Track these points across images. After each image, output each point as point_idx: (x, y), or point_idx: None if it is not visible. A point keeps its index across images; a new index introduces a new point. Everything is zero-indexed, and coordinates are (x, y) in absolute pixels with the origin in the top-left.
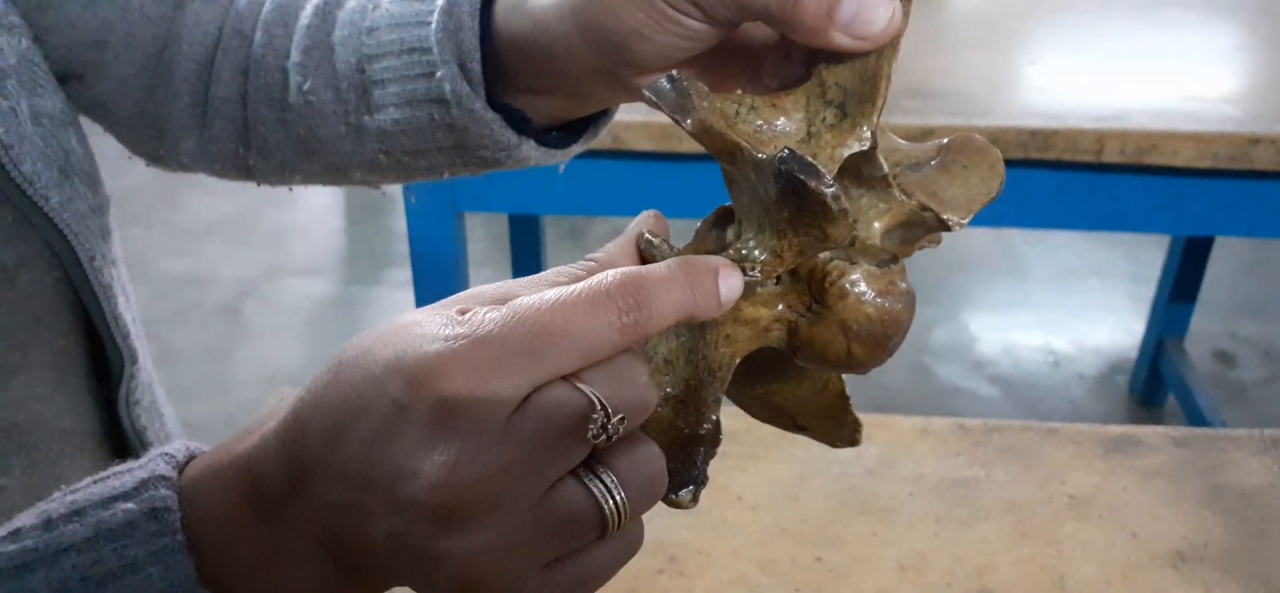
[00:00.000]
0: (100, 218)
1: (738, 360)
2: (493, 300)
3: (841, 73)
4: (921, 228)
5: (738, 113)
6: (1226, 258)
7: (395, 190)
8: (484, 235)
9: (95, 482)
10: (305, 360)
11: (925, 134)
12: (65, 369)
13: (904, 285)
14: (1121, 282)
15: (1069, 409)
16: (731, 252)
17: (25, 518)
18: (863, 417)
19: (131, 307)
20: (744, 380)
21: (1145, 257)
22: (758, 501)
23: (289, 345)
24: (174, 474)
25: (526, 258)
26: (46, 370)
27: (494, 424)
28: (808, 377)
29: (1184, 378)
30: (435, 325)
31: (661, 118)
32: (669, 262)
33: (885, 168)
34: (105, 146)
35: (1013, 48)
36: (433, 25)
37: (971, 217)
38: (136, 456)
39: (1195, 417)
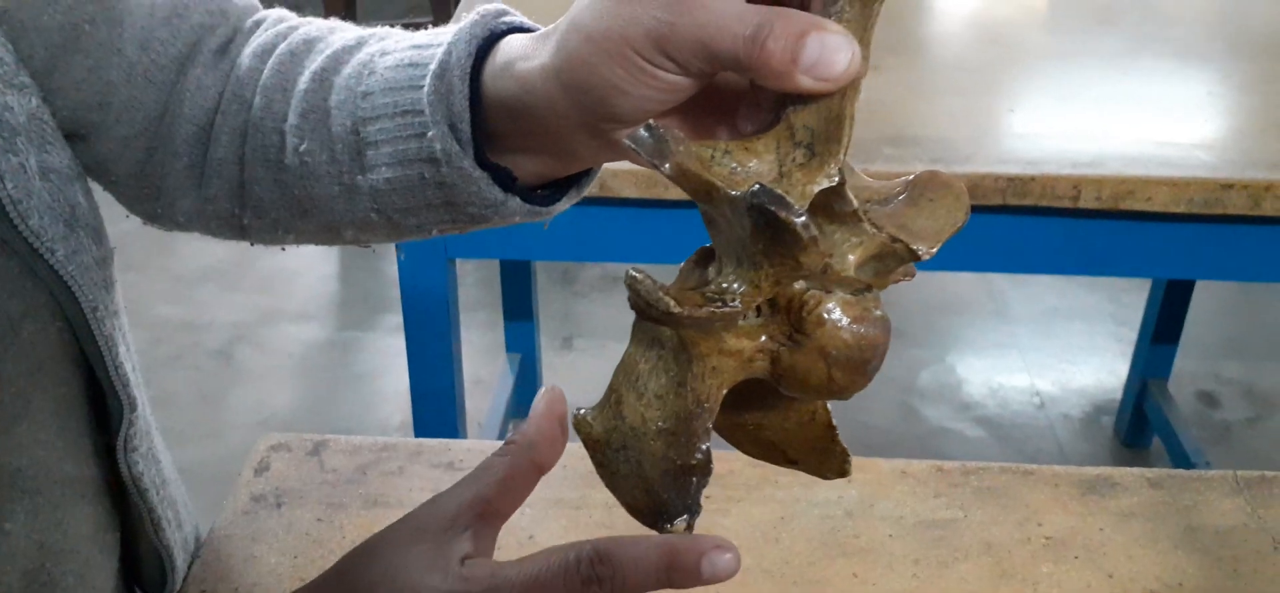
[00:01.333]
0: (104, 270)
1: (724, 391)
2: (469, 511)
3: (808, 115)
4: (893, 259)
5: (713, 156)
6: (1208, 300)
7: None
8: (475, 281)
9: None
10: (297, 404)
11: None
12: (67, 416)
13: (879, 312)
14: (1105, 323)
15: (1055, 451)
16: (712, 287)
17: None
18: (853, 460)
19: (132, 355)
20: (734, 418)
21: (1128, 299)
22: (739, 542)
23: (282, 390)
24: None
25: (518, 303)
26: (49, 418)
27: None
28: (794, 410)
29: (1168, 419)
30: (436, 579)
31: (640, 172)
32: (655, 542)
33: (855, 203)
34: (105, 196)
35: (991, 95)
36: (425, 89)
37: (939, 246)
38: (133, 502)
39: (1179, 458)
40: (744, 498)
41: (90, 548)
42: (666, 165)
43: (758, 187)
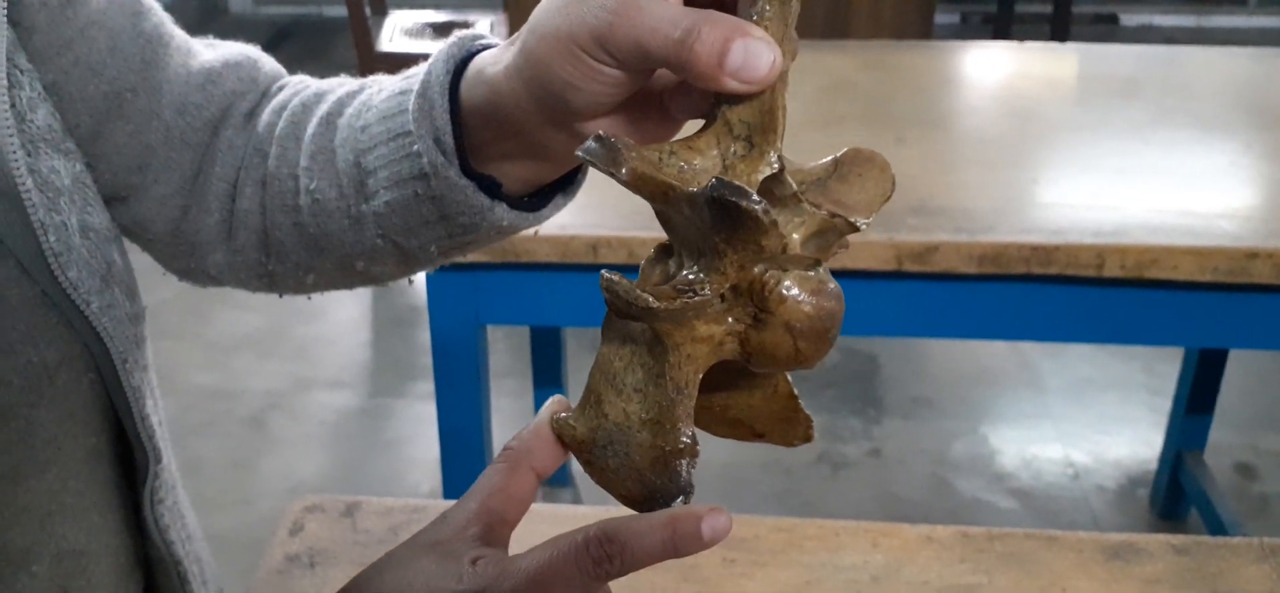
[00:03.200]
0: (136, 326)
1: (700, 376)
2: (477, 520)
3: (743, 110)
4: (834, 233)
5: (660, 159)
6: (1243, 370)
7: (422, 304)
8: (506, 348)
9: None
10: (329, 472)
11: (929, 250)
12: (95, 466)
13: (832, 285)
14: (1139, 393)
15: (1090, 523)
16: (678, 280)
17: None
18: (878, 525)
19: (159, 410)
20: (702, 401)
21: (1161, 369)
22: None
23: (313, 457)
24: None
25: (548, 371)
26: (78, 466)
27: None
28: (759, 386)
29: (1205, 491)
30: (449, 582)
31: None
32: (656, 516)
33: (794, 186)
34: (141, 263)
35: (1014, 167)
36: (410, 109)
37: (873, 215)
38: (158, 552)
39: (1216, 530)
40: (769, 563)
41: None
42: (623, 171)
43: (716, 180)
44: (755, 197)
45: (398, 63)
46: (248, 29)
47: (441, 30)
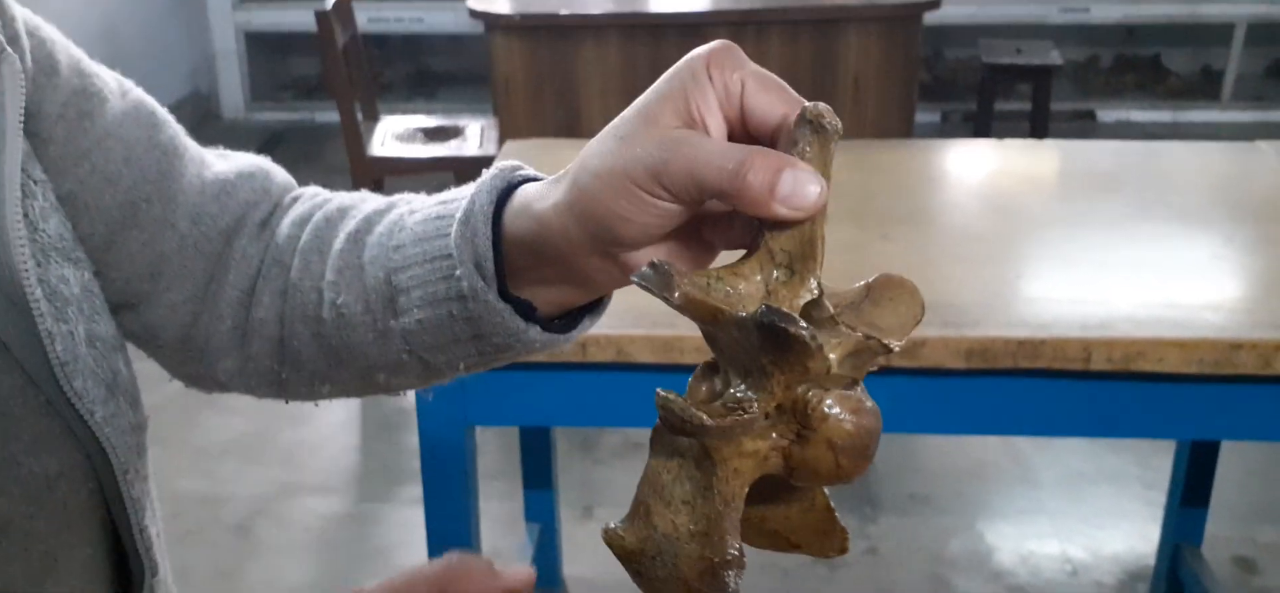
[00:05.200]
0: (138, 436)
1: (746, 489)
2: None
3: (785, 239)
4: (868, 354)
5: (708, 284)
6: (1237, 462)
7: (410, 406)
8: (496, 449)
9: None
10: (315, 579)
11: (917, 346)
12: (91, 577)
13: (871, 404)
14: (1133, 486)
15: None
16: (728, 398)
17: None
18: None
19: (157, 521)
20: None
21: (1155, 462)
22: None
23: (299, 565)
24: None
25: (537, 471)
26: (74, 577)
27: None
28: (797, 499)
29: (1205, 586)
30: None
31: (663, 332)
32: None
33: (831, 310)
34: (137, 370)
35: (998, 262)
36: (453, 235)
37: (906, 338)
38: None
39: None
40: None
41: None
42: (676, 296)
43: (765, 307)
44: (803, 323)
45: (389, 166)
46: (241, 134)
47: (432, 135)
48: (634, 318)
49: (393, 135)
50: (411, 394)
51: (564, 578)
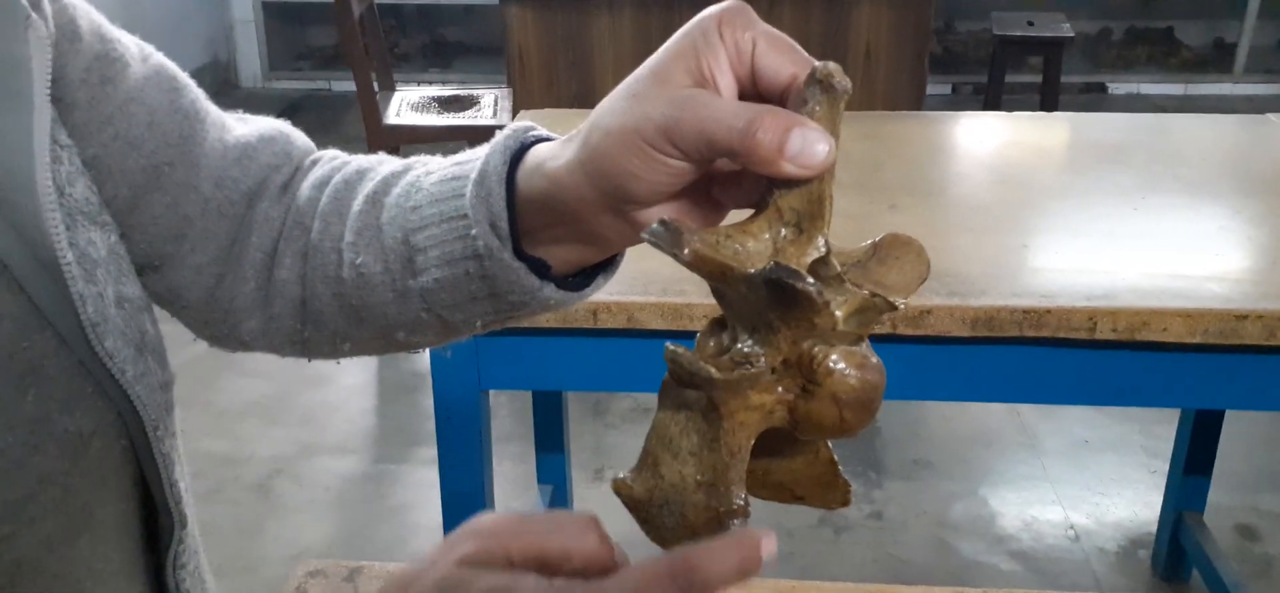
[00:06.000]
0: (167, 393)
1: (752, 441)
2: (494, 542)
3: (793, 198)
4: (874, 311)
5: (717, 242)
6: (1240, 431)
7: (426, 370)
8: (509, 413)
9: None
10: (333, 537)
11: (924, 314)
12: (124, 531)
13: (875, 360)
14: (1136, 455)
15: (1092, 585)
16: (735, 353)
17: None
18: (877, 588)
19: (185, 476)
20: (747, 466)
21: (1158, 431)
22: None
23: (318, 523)
24: None
25: (549, 435)
26: (108, 531)
27: None
28: (801, 452)
29: (1206, 552)
30: (504, 581)
31: (672, 298)
32: (724, 541)
33: (837, 267)
34: (167, 331)
35: (1005, 232)
36: (468, 195)
37: (911, 295)
38: None
39: (1219, 592)
40: None
41: None
42: (685, 252)
43: (774, 263)
44: (810, 279)
45: (405, 135)
46: (258, 102)
47: (447, 105)
48: (644, 284)
49: (408, 105)
50: (427, 358)
51: None
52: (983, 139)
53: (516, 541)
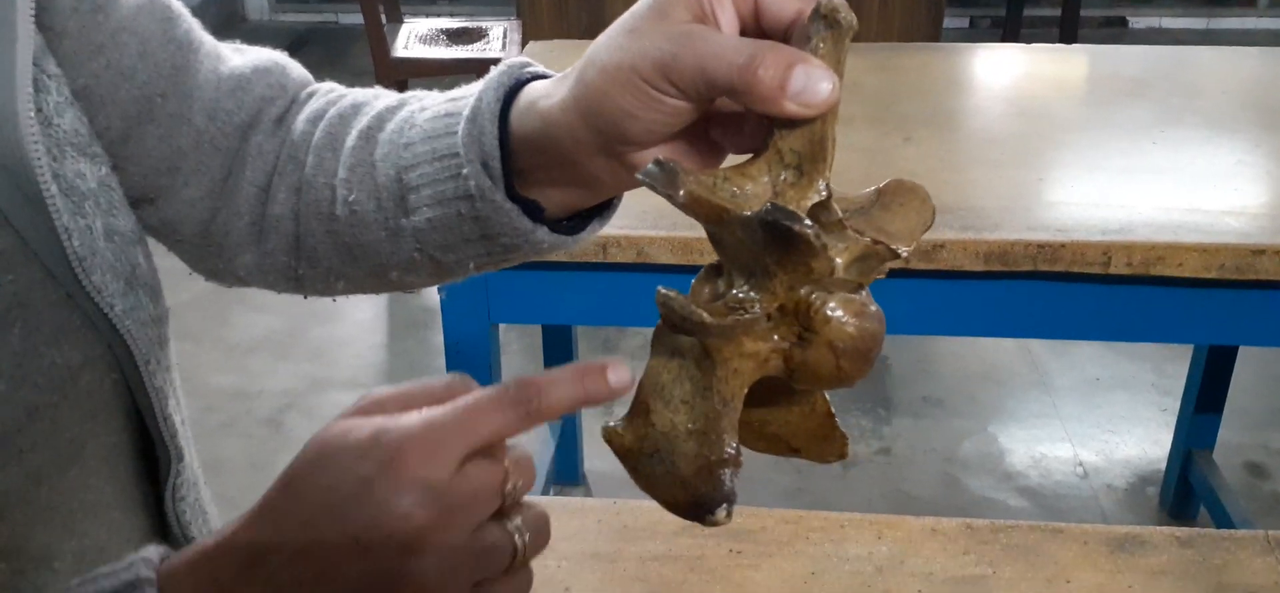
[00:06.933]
0: (159, 328)
1: (745, 390)
2: (394, 403)
3: (794, 139)
4: (875, 259)
5: (715, 183)
6: (1252, 369)
7: (435, 306)
8: (519, 349)
9: (83, 582)
10: None
11: (937, 248)
12: (117, 464)
13: (874, 308)
14: (1147, 393)
15: (1099, 520)
16: (729, 298)
17: None
18: (883, 517)
19: (181, 410)
20: (742, 417)
21: (1170, 369)
22: None
23: None
24: (153, 575)
25: None
26: (100, 464)
27: (441, 481)
28: (797, 403)
29: (1214, 489)
30: (378, 421)
31: (683, 233)
32: (561, 370)
33: (839, 213)
34: (163, 266)
35: (1021, 166)
36: (459, 133)
37: (915, 243)
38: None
39: (1226, 528)
40: (775, 553)
41: None
42: (681, 193)
43: (770, 204)
44: (807, 221)
45: (412, 68)
46: (265, 36)
47: (455, 37)
48: (654, 219)
49: (416, 37)
50: (436, 293)
51: (585, 473)
52: (999, 72)
53: (392, 402)
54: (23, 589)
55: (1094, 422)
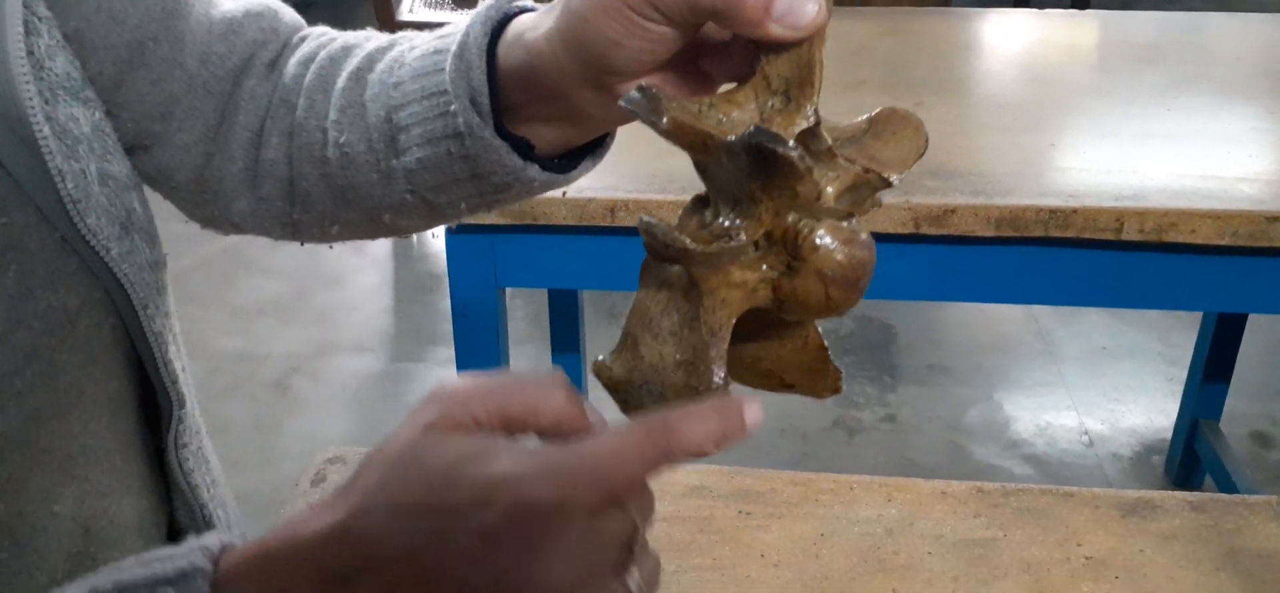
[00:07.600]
0: (156, 273)
1: (733, 321)
2: (457, 405)
3: (781, 64)
4: (867, 188)
5: (700, 111)
6: (1261, 339)
7: (442, 270)
8: (524, 315)
9: (139, 563)
10: (351, 434)
11: (947, 212)
12: (118, 409)
13: (865, 236)
14: (1154, 363)
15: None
16: (715, 227)
17: (73, 590)
18: (892, 480)
19: (181, 356)
20: (734, 351)
21: (1177, 338)
22: (780, 558)
23: (335, 420)
24: (209, 566)
25: (566, 335)
26: (100, 409)
27: (577, 541)
28: (790, 337)
29: (1220, 458)
30: (500, 467)
31: (687, 197)
32: (697, 409)
33: (829, 141)
34: (168, 231)
35: (1033, 131)
36: (447, 70)
37: (906, 171)
38: (183, 495)
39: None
40: (785, 515)
41: (135, 539)
42: (663, 120)
43: (754, 127)
44: (792, 143)
45: (418, 31)
46: None
47: (461, 0)
48: (663, 182)
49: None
50: (443, 257)
51: None
52: (1012, 37)
53: (481, 402)
54: (22, 530)
55: (1100, 391)
